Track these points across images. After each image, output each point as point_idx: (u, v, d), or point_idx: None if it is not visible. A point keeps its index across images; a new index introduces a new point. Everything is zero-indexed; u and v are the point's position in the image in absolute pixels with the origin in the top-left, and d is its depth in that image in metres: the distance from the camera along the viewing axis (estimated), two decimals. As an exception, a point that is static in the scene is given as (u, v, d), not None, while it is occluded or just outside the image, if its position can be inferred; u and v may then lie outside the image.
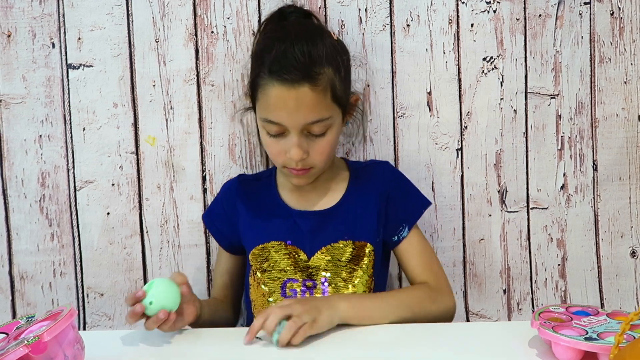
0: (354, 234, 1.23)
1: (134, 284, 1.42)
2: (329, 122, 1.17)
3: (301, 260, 1.22)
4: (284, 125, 1.15)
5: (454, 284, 1.44)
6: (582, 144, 1.42)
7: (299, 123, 1.14)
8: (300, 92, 1.12)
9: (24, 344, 0.82)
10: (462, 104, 1.41)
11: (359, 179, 1.28)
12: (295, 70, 1.12)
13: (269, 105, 1.15)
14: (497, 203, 1.43)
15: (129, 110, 1.39)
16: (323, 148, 1.18)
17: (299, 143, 1.15)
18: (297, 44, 1.14)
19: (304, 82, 1.12)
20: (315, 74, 1.13)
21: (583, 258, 1.44)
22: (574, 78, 1.41)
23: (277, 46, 1.15)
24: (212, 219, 1.33)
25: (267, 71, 1.14)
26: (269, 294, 1.23)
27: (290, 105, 1.13)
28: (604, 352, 0.90)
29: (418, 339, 1.05)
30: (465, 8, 1.39)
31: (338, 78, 1.17)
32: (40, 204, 1.40)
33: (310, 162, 1.18)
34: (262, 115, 1.17)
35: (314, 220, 1.24)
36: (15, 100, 1.38)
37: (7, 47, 1.37)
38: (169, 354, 1.03)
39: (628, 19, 1.40)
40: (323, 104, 1.15)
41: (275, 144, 1.18)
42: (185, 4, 1.38)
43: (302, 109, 1.13)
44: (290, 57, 1.13)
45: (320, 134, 1.16)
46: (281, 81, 1.12)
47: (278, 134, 1.17)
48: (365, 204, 1.25)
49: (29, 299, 1.42)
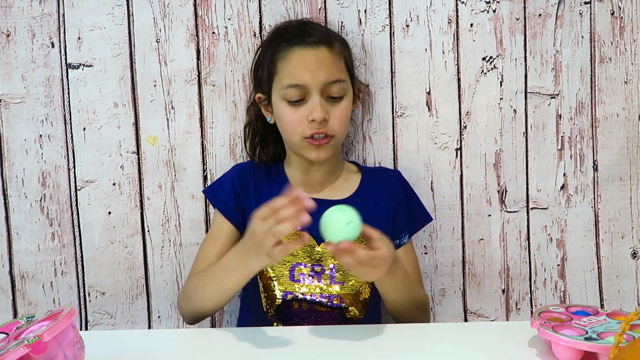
0: None
1: (135, 282, 1.42)
2: (346, 86, 1.24)
3: (310, 246, 1.23)
4: (307, 85, 1.20)
5: (453, 283, 1.44)
6: (582, 144, 1.42)
7: (320, 81, 1.20)
8: (320, 52, 1.22)
9: (24, 344, 0.82)
10: (461, 104, 1.41)
11: (371, 181, 1.31)
12: (314, 35, 1.24)
13: (292, 69, 1.22)
14: (496, 203, 1.43)
15: (130, 110, 1.39)
16: (341, 113, 1.23)
17: (320, 102, 1.21)
18: (311, 22, 1.31)
19: (322, 45, 1.23)
20: (332, 40, 1.25)
21: (583, 258, 1.44)
22: (574, 78, 1.41)
23: (292, 25, 1.29)
24: (219, 196, 1.30)
25: (286, 43, 1.23)
26: (276, 278, 1.23)
27: (311, 63, 1.21)
28: (604, 352, 0.90)
29: (418, 339, 1.06)
30: (464, 8, 1.39)
31: (348, 56, 1.28)
32: (40, 203, 1.40)
33: (330, 129, 1.22)
34: (283, 82, 1.22)
35: (325, 208, 1.22)
36: (15, 100, 1.38)
37: (7, 47, 1.37)
38: (169, 353, 1.04)
39: (628, 19, 1.40)
40: (339, 66, 1.24)
41: (295, 112, 1.22)
42: (186, 5, 1.38)
43: (323, 67, 1.21)
44: (308, 27, 1.27)
45: (338, 97, 1.23)
46: (302, 45, 1.23)
47: (299, 100, 1.21)
48: (377, 204, 1.27)
49: (30, 298, 1.42)
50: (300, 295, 1.22)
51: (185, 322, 1.27)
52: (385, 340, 1.05)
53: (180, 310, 1.28)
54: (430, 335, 1.08)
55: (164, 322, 1.43)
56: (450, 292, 1.45)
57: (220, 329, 1.15)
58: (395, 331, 1.09)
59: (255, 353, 1.01)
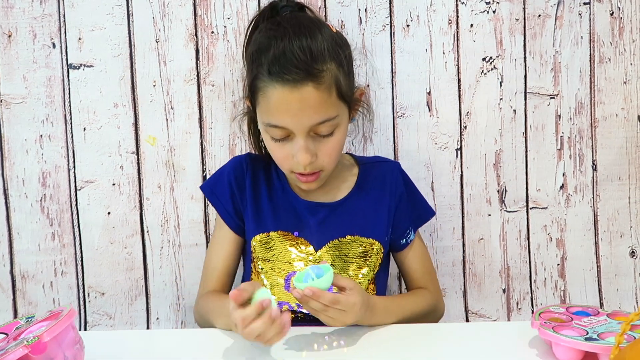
0: (363, 230, 1.20)
1: (135, 283, 1.42)
2: (336, 121, 1.11)
3: (307, 253, 1.19)
4: (289, 129, 1.09)
5: (454, 283, 1.44)
6: (581, 144, 1.42)
7: (305, 126, 1.08)
8: (304, 93, 1.06)
9: (23, 344, 0.82)
10: (461, 104, 1.41)
11: (368, 176, 1.25)
12: (297, 70, 1.05)
13: (271, 109, 1.08)
14: (496, 203, 1.43)
15: (130, 110, 1.39)
16: (331, 149, 1.12)
17: (305, 146, 1.09)
18: (295, 40, 1.07)
19: (306, 82, 1.05)
20: (318, 72, 1.06)
21: (582, 258, 1.44)
22: (573, 78, 1.41)
23: (275, 45, 1.08)
24: (218, 197, 1.24)
25: (267, 73, 1.07)
26: (270, 287, 1.18)
27: (294, 108, 1.06)
28: (605, 353, 0.90)
29: (418, 339, 1.06)
30: (464, 8, 1.39)
31: (342, 73, 1.11)
32: (41, 203, 1.40)
33: (319, 165, 1.13)
34: (264, 119, 1.11)
35: (323, 212, 1.21)
36: (16, 100, 1.38)
37: (8, 47, 1.37)
38: (168, 354, 1.04)
39: (628, 19, 1.40)
40: (329, 102, 1.08)
41: (280, 148, 1.12)
42: (186, 4, 1.38)
43: (307, 110, 1.07)
44: (290, 55, 1.06)
45: (327, 134, 1.11)
46: (282, 82, 1.06)
47: (283, 138, 1.11)
48: (376, 201, 1.23)
49: (30, 298, 1.42)
50: (295, 306, 1.16)
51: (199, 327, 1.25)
52: (386, 340, 1.05)
53: (195, 319, 1.26)
54: (430, 336, 1.08)
55: (162, 323, 1.43)
56: (451, 292, 1.45)
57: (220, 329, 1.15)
58: (395, 331, 1.09)
59: (255, 353, 1.01)
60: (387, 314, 1.12)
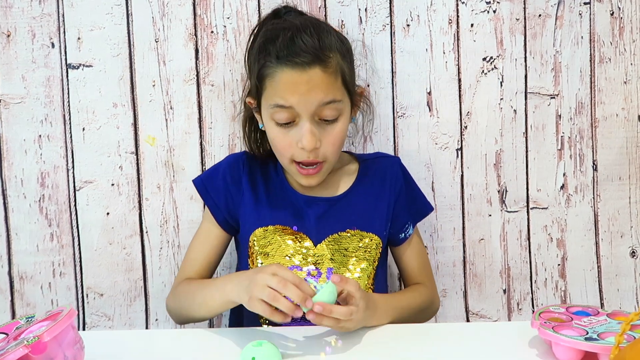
0: (362, 224, 1.21)
1: (134, 284, 1.42)
2: (341, 106, 1.13)
3: (306, 248, 1.19)
4: (296, 110, 1.10)
5: (454, 283, 1.44)
6: (582, 144, 1.42)
7: (312, 105, 1.10)
8: (312, 74, 1.09)
9: (23, 344, 0.82)
10: (462, 104, 1.41)
11: (369, 171, 1.26)
12: (305, 53, 1.09)
13: (279, 90, 1.10)
14: (497, 203, 1.43)
15: (129, 110, 1.39)
16: (334, 138, 1.14)
17: (311, 129, 1.11)
18: (304, 30, 1.11)
19: (314, 65, 1.09)
20: (326, 57, 1.10)
21: (583, 258, 1.44)
22: (573, 78, 1.41)
23: (283, 34, 1.12)
24: (209, 190, 1.25)
25: (275, 58, 1.10)
26: None
27: (302, 88, 1.09)
28: (605, 353, 0.90)
29: (418, 339, 1.05)
30: (465, 8, 1.39)
31: (346, 65, 1.15)
32: (39, 204, 1.40)
33: (322, 154, 1.14)
34: (271, 102, 1.12)
35: (322, 207, 1.21)
36: (15, 100, 1.38)
37: (7, 47, 1.37)
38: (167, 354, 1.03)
39: (628, 19, 1.40)
40: (335, 85, 1.11)
41: (284, 135, 1.13)
42: (185, 4, 1.37)
43: (315, 90, 1.09)
44: (299, 41, 1.10)
45: (332, 120, 1.13)
46: (291, 65, 1.09)
47: (288, 123, 1.12)
48: (375, 196, 1.24)
49: (28, 299, 1.41)
50: None
51: (173, 321, 1.26)
52: (386, 340, 1.05)
53: (167, 310, 1.27)
54: (430, 336, 1.07)
55: (162, 324, 1.43)
56: (452, 292, 1.44)
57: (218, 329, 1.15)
58: (395, 331, 1.09)
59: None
60: (386, 312, 1.12)
